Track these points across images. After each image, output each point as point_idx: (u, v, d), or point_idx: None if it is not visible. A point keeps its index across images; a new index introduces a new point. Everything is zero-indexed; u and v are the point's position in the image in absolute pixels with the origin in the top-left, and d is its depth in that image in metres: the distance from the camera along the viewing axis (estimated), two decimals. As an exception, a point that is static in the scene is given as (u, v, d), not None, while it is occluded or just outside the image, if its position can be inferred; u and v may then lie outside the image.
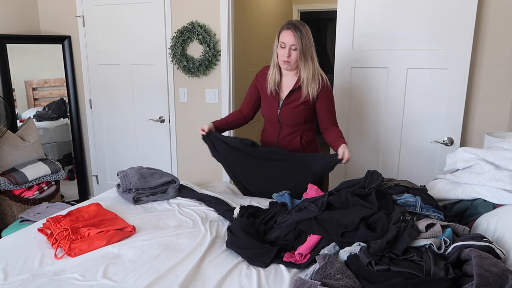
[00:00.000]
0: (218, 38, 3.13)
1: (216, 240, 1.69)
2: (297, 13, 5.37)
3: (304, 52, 2.04)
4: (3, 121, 3.14)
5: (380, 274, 1.20)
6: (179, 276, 1.40)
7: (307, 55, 2.05)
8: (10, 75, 3.43)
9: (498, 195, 1.50)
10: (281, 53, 2.08)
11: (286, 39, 2.05)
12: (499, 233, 1.35)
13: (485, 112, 2.49)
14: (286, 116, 2.20)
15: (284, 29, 2.06)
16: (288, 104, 2.18)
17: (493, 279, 1.05)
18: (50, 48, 3.66)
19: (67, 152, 3.88)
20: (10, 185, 3.07)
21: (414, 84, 2.55)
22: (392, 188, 1.62)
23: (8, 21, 3.46)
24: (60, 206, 2.90)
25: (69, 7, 3.59)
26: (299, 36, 2.01)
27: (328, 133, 2.19)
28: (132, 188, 2.17)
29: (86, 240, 1.64)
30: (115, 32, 3.48)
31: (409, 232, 1.29)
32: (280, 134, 2.27)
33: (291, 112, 2.18)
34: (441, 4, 2.39)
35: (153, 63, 3.39)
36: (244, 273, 1.43)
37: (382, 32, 2.57)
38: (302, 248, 1.48)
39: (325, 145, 2.32)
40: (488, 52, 2.42)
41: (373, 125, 2.73)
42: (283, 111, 2.20)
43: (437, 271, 1.14)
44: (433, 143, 2.55)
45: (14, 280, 1.40)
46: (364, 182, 1.63)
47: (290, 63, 2.09)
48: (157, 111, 3.49)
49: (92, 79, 3.67)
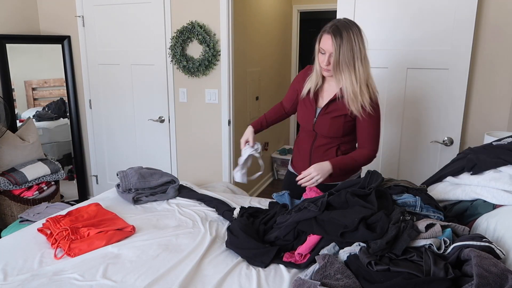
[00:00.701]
0: (217, 38, 3.13)
1: (215, 240, 1.69)
2: (297, 13, 5.37)
3: (340, 62, 1.74)
4: (3, 121, 3.14)
5: (379, 274, 1.20)
6: (179, 276, 1.40)
7: (343, 66, 1.75)
8: (10, 75, 3.43)
9: (497, 196, 1.50)
10: (321, 60, 1.82)
11: (325, 45, 1.77)
12: (499, 233, 1.35)
13: (485, 112, 2.49)
14: (323, 126, 1.93)
15: (324, 33, 1.77)
16: (326, 114, 1.90)
17: (493, 279, 1.04)
18: (49, 48, 3.66)
19: (67, 152, 3.88)
20: (10, 185, 3.06)
21: (414, 84, 2.55)
22: (391, 188, 1.62)
23: (8, 21, 3.46)
24: (59, 206, 2.90)
25: (68, 7, 3.59)
26: (338, 43, 1.72)
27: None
28: (131, 188, 2.17)
29: (86, 240, 1.64)
30: (114, 32, 3.48)
31: (409, 232, 1.29)
32: (314, 144, 2.00)
33: (329, 123, 1.90)
34: (441, 4, 2.39)
35: (152, 63, 3.39)
36: (243, 273, 1.43)
37: (382, 32, 2.57)
38: (302, 248, 1.48)
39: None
40: (488, 52, 2.42)
41: (373, 125, 2.73)
42: (320, 120, 1.92)
43: (437, 271, 1.14)
44: (433, 143, 2.55)
45: (14, 280, 1.39)
46: (364, 182, 1.63)
47: (330, 71, 1.82)
48: (156, 111, 3.48)
49: (92, 79, 3.67)
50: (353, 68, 1.75)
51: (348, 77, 1.76)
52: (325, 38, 1.76)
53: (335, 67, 1.76)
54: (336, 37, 1.72)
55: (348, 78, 1.77)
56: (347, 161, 1.88)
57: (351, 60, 1.74)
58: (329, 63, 1.78)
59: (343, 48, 1.72)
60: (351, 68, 1.75)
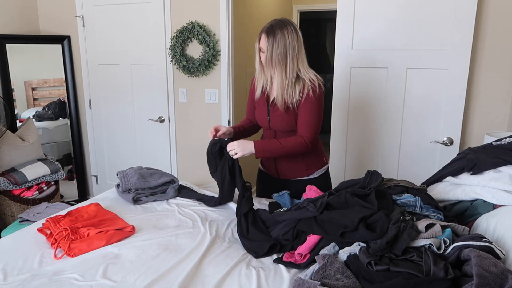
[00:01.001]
0: (217, 38, 3.13)
1: (215, 240, 1.69)
2: (297, 13, 5.37)
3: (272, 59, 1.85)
4: (3, 121, 3.14)
5: (379, 274, 1.20)
6: (179, 276, 1.40)
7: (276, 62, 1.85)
8: (10, 75, 3.43)
9: (497, 196, 1.50)
10: (262, 58, 1.93)
11: (262, 44, 1.91)
12: (499, 233, 1.35)
13: (485, 112, 2.49)
14: (276, 122, 2.00)
15: (261, 33, 1.92)
16: (275, 110, 1.98)
17: (492, 279, 1.04)
18: (49, 48, 3.66)
19: (67, 152, 3.88)
20: (10, 185, 3.06)
21: (414, 84, 2.55)
22: (391, 188, 1.61)
23: (8, 21, 3.46)
24: (59, 206, 2.90)
25: (68, 7, 3.59)
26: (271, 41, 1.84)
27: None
28: (131, 188, 2.17)
29: (86, 240, 1.63)
30: (114, 32, 3.48)
31: (408, 232, 1.29)
32: None
33: (281, 119, 1.97)
34: (440, 3, 2.39)
35: (152, 63, 3.39)
36: (243, 273, 1.43)
37: (382, 32, 2.57)
38: (301, 248, 1.48)
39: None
40: (488, 52, 2.42)
41: (372, 125, 2.73)
42: (273, 118, 2.00)
43: (437, 271, 1.14)
44: (433, 143, 2.55)
45: (14, 280, 1.39)
46: (364, 182, 1.63)
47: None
48: (156, 111, 3.48)
49: (92, 79, 3.67)
50: (284, 64, 1.85)
51: (280, 72, 1.86)
52: (262, 38, 1.90)
53: (268, 64, 1.87)
54: (269, 36, 1.85)
55: (279, 73, 1.86)
56: (272, 143, 1.90)
57: (283, 57, 1.84)
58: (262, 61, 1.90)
59: (276, 46, 1.83)
60: (282, 65, 1.85)
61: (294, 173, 2.08)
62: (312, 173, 2.08)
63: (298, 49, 1.86)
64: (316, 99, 1.89)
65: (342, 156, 2.86)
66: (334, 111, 2.82)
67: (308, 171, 2.07)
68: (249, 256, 1.56)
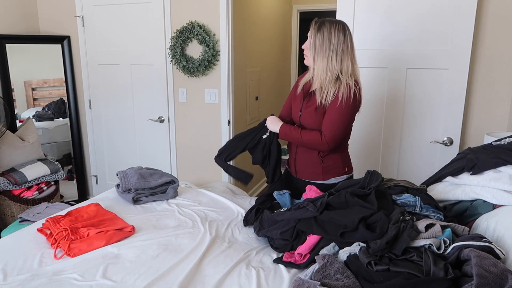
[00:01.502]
0: (217, 38, 3.13)
1: (215, 240, 1.69)
2: (297, 13, 5.37)
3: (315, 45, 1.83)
4: (3, 121, 3.14)
5: (379, 274, 1.20)
6: (179, 276, 1.40)
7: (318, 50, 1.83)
8: (10, 75, 3.43)
9: (497, 196, 1.50)
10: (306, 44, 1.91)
11: (308, 32, 1.89)
12: (499, 233, 1.35)
13: (485, 112, 2.49)
14: (307, 118, 1.93)
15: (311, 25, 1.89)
16: (308, 106, 1.93)
17: (492, 279, 1.04)
18: (49, 48, 3.66)
19: (67, 152, 3.88)
20: (10, 185, 3.06)
21: (414, 84, 2.55)
22: (391, 188, 1.62)
23: (8, 21, 3.46)
24: (59, 206, 2.90)
25: (68, 7, 3.58)
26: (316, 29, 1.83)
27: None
28: (131, 188, 2.17)
29: (86, 240, 1.63)
30: (114, 32, 3.48)
31: (408, 232, 1.29)
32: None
33: (311, 115, 1.91)
34: (440, 4, 2.39)
35: (152, 63, 3.39)
36: (243, 273, 1.43)
37: (382, 32, 2.57)
38: (301, 248, 1.48)
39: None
40: (488, 52, 2.42)
41: (372, 125, 2.73)
42: (304, 114, 1.94)
43: (437, 271, 1.14)
44: (433, 143, 2.55)
45: (14, 280, 1.39)
46: (364, 182, 1.63)
47: (307, 56, 1.90)
48: (156, 111, 3.48)
49: (92, 79, 3.67)
50: (326, 56, 1.82)
51: (321, 64, 1.83)
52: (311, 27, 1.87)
53: (311, 50, 1.85)
54: (316, 25, 1.84)
55: (321, 64, 1.83)
56: (294, 130, 1.93)
57: (325, 49, 1.82)
58: (306, 47, 1.88)
59: (320, 35, 1.82)
60: (324, 56, 1.82)
61: (310, 174, 2.01)
62: (327, 178, 1.99)
63: (343, 49, 1.83)
64: (346, 105, 1.83)
65: (342, 156, 2.86)
66: (334, 111, 2.81)
67: (324, 175, 1.98)
68: (249, 256, 1.56)
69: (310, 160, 1.99)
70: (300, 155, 2.02)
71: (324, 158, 1.96)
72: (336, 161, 1.99)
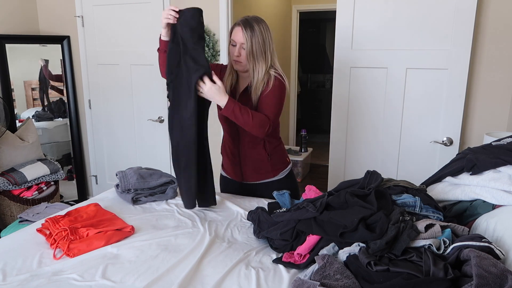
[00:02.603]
0: (217, 38, 3.13)
1: (215, 240, 1.69)
2: (296, 13, 5.37)
3: (254, 51, 1.83)
4: (2, 121, 3.14)
5: (379, 274, 1.20)
6: (178, 276, 1.40)
7: (257, 56, 1.85)
8: (9, 75, 3.43)
9: (497, 196, 1.50)
10: (232, 51, 1.90)
11: (236, 36, 1.87)
12: (498, 234, 1.35)
13: (485, 112, 2.49)
14: None
15: (236, 26, 1.88)
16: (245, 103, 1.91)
17: (492, 279, 1.04)
18: (49, 48, 3.66)
19: (66, 152, 3.88)
20: (9, 185, 3.06)
21: (413, 84, 2.55)
22: (391, 188, 1.61)
23: (7, 21, 3.46)
24: (59, 206, 2.90)
25: (68, 7, 3.58)
26: (249, 34, 1.82)
27: None
28: (131, 188, 2.17)
29: (85, 241, 1.63)
30: (114, 32, 3.48)
31: (408, 233, 1.29)
32: (240, 145, 2.05)
33: None
34: (440, 3, 2.39)
35: (152, 63, 3.39)
36: (243, 273, 1.43)
37: (381, 32, 2.57)
38: (301, 248, 1.48)
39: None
40: (487, 52, 2.42)
41: (372, 125, 2.73)
42: None
43: (436, 271, 1.14)
44: (432, 143, 2.55)
45: (13, 281, 1.39)
46: (363, 182, 1.63)
47: (242, 63, 1.90)
48: (156, 111, 3.48)
49: (91, 79, 3.67)
50: (264, 57, 1.86)
51: (262, 65, 1.87)
52: (236, 30, 1.86)
53: (249, 57, 1.84)
54: (247, 28, 1.82)
55: (262, 67, 1.87)
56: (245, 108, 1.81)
57: (262, 51, 1.85)
58: (239, 54, 1.86)
59: (255, 39, 1.82)
60: (264, 57, 1.86)
61: (260, 175, 2.08)
62: (277, 174, 2.09)
63: (273, 46, 1.91)
64: (279, 88, 1.90)
65: (342, 156, 2.86)
66: (334, 111, 2.82)
67: (273, 172, 2.07)
68: (249, 256, 1.56)
69: (258, 160, 2.03)
70: (247, 157, 2.03)
71: (270, 154, 2.01)
72: (280, 153, 2.08)
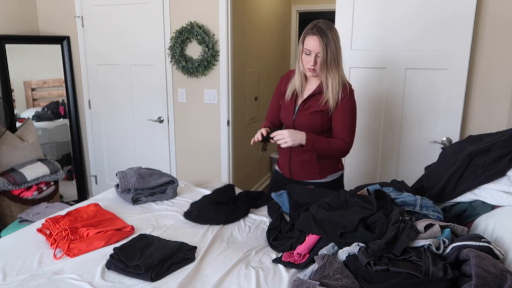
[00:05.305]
0: (217, 38, 3.13)
1: (215, 240, 1.69)
2: (296, 13, 5.37)
3: (329, 60, 1.80)
4: (2, 121, 3.14)
5: (378, 274, 1.20)
6: (178, 277, 1.40)
7: (331, 64, 1.81)
8: (9, 75, 3.43)
9: (496, 197, 1.51)
10: (306, 61, 1.85)
11: (311, 45, 1.80)
12: (498, 234, 1.35)
13: (484, 112, 2.50)
14: (302, 121, 1.94)
15: (309, 34, 1.81)
16: (304, 110, 1.94)
17: (491, 279, 1.05)
18: (49, 49, 3.65)
19: (66, 152, 3.87)
20: (9, 185, 3.06)
21: (413, 84, 2.55)
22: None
23: (7, 21, 3.46)
24: (59, 206, 2.90)
25: (68, 7, 3.58)
26: (325, 42, 1.77)
27: None
28: (131, 188, 2.17)
29: (85, 241, 1.64)
30: (114, 32, 3.48)
31: (408, 233, 1.29)
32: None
33: (308, 118, 1.93)
34: (439, 4, 2.39)
35: (151, 64, 3.39)
36: (242, 273, 1.43)
37: (381, 33, 2.57)
38: (300, 248, 1.48)
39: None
40: (487, 53, 2.42)
41: (371, 125, 2.73)
42: (299, 117, 1.96)
43: (436, 271, 1.14)
44: (432, 143, 2.55)
45: (13, 280, 1.39)
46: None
47: (316, 71, 1.86)
48: (156, 111, 3.48)
49: (91, 80, 3.67)
50: (338, 65, 1.84)
51: (336, 74, 1.85)
52: (310, 39, 1.81)
53: (323, 66, 1.82)
54: (323, 37, 1.78)
55: (336, 75, 1.85)
56: (322, 141, 1.87)
57: (336, 58, 1.82)
58: (315, 63, 1.83)
59: (330, 47, 1.79)
60: (338, 66, 1.85)
61: (307, 174, 2.04)
62: (324, 176, 2.03)
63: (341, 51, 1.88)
64: (352, 103, 1.91)
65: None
66: (334, 112, 2.82)
67: (321, 174, 2.02)
68: (249, 256, 1.56)
69: (306, 161, 2.02)
70: (295, 157, 2.04)
71: (320, 156, 1.98)
72: (331, 159, 2.03)
